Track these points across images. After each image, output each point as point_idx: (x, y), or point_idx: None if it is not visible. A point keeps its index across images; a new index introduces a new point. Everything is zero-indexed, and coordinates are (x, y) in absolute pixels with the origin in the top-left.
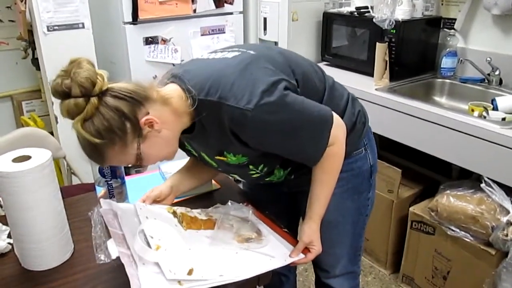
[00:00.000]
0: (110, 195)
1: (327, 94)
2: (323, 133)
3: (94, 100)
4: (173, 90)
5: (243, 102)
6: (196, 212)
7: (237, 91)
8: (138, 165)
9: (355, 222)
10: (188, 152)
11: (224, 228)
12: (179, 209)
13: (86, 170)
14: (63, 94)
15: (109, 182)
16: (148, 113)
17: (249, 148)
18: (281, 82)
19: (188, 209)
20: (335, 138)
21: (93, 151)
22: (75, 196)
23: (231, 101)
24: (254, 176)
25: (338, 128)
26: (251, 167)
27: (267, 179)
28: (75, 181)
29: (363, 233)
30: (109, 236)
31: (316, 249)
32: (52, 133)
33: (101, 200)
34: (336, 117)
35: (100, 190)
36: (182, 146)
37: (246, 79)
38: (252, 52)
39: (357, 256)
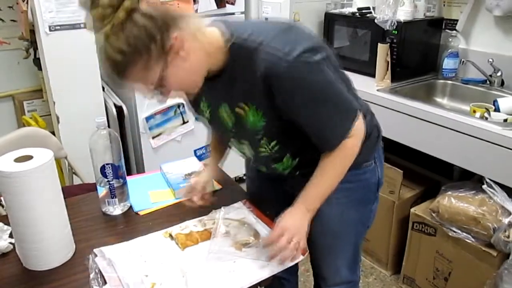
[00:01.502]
0: (111, 195)
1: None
2: (348, 117)
3: (122, 13)
4: (210, 29)
5: (283, 52)
6: (192, 225)
7: (279, 41)
8: (159, 93)
9: (358, 233)
10: (200, 114)
11: (221, 236)
12: (174, 230)
13: (87, 170)
14: (91, 1)
15: (111, 182)
16: (176, 38)
17: (272, 108)
18: (324, 52)
19: (183, 225)
20: (356, 131)
21: (114, 69)
22: (76, 196)
23: (271, 49)
24: (262, 154)
25: (360, 125)
26: (264, 140)
27: (273, 165)
28: (77, 181)
29: (362, 243)
30: (105, 282)
31: (299, 242)
32: (53, 133)
33: (95, 250)
34: (360, 115)
35: (102, 190)
36: (196, 105)
37: (289, 36)
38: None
39: (356, 265)
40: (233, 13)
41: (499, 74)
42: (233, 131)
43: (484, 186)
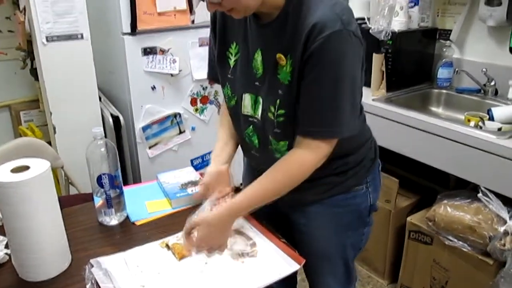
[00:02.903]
0: (108, 205)
1: (362, 115)
2: (339, 122)
3: None
4: None
5: (341, 18)
6: None
7: (340, 8)
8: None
9: (348, 255)
10: (223, 59)
11: None
12: (171, 240)
13: (84, 181)
14: None
15: (107, 192)
16: None
17: (300, 68)
18: (362, 53)
19: (179, 235)
20: (323, 152)
21: None
22: (73, 206)
23: (331, 8)
24: (268, 119)
25: (328, 151)
26: (278, 101)
27: (270, 138)
28: (73, 191)
29: (354, 262)
30: None
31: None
32: (50, 143)
33: (91, 260)
34: (334, 142)
35: (98, 200)
36: (225, 47)
37: (349, 12)
38: None
39: (350, 280)
40: None
41: (492, 83)
42: (258, 82)
43: (479, 195)
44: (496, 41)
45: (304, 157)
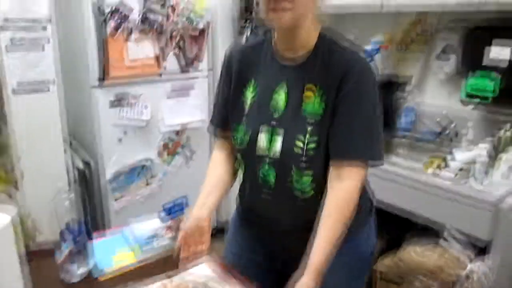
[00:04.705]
0: (71, 259)
1: None
2: (377, 147)
3: None
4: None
5: (365, 61)
6: None
7: (362, 52)
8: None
9: None
10: (240, 102)
11: None
12: None
13: (51, 231)
14: None
15: (71, 246)
16: None
17: (332, 104)
18: None
19: None
20: (361, 180)
21: None
22: (33, 261)
23: (358, 49)
24: (294, 151)
25: (364, 177)
26: (308, 132)
27: (289, 182)
28: (39, 239)
29: None
30: None
31: None
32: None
33: None
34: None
35: (61, 255)
36: (240, 85)
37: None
38: None
39: None
40: (200, 70)
41: (452, 125)
42: (278, 116)
43: (441, 241)
44: (452, 88)
45: (348, 189)
